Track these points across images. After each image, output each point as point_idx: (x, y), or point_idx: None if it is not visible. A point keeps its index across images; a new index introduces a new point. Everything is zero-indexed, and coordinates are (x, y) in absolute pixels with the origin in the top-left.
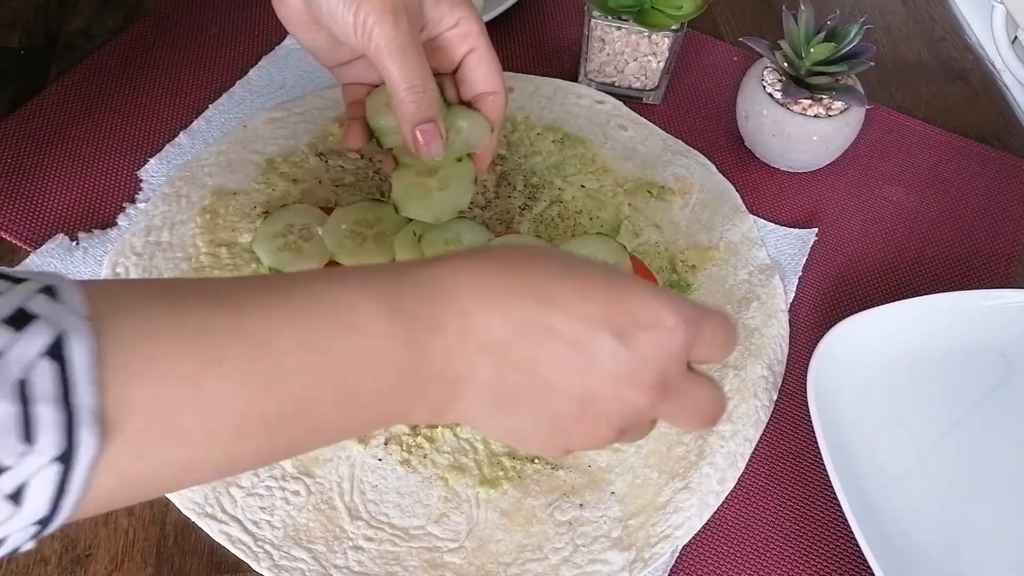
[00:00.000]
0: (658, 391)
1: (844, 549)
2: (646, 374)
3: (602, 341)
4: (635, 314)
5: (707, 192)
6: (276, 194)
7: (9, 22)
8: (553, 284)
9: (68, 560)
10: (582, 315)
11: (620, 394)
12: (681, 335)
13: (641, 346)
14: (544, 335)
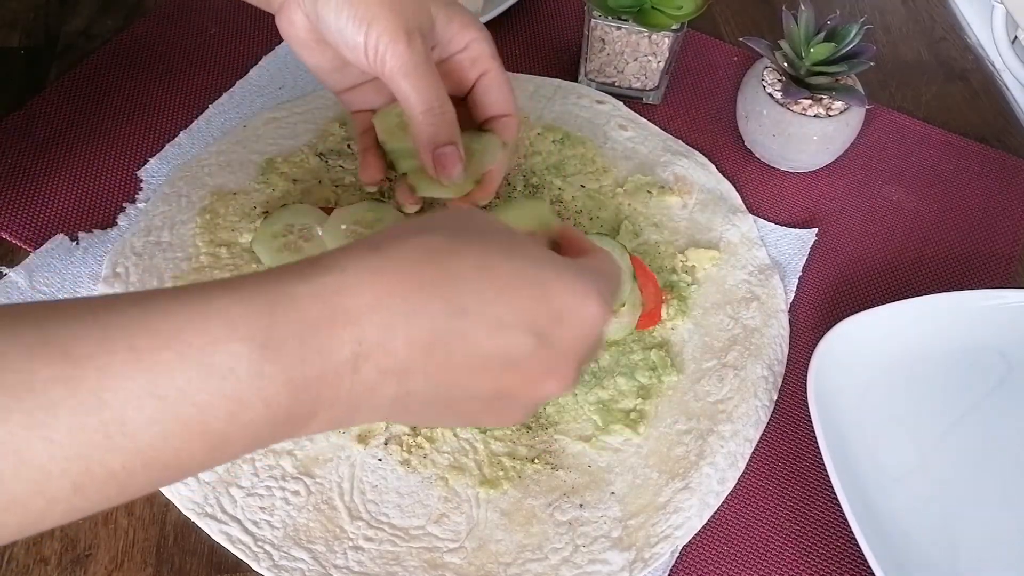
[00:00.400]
0: (576, 376)
1: (844, 549)
2: (566, 367)
3: (521, 344)
4: (556, 308)
5: (707, 192)
6: (276, 194)
7: (9, 22)
8: (465, 287)
9: (68, 560)
10: (500, 321)
11: (537, 389)
12: (603, 321)
13: (562, 340)
14: (457, 347)
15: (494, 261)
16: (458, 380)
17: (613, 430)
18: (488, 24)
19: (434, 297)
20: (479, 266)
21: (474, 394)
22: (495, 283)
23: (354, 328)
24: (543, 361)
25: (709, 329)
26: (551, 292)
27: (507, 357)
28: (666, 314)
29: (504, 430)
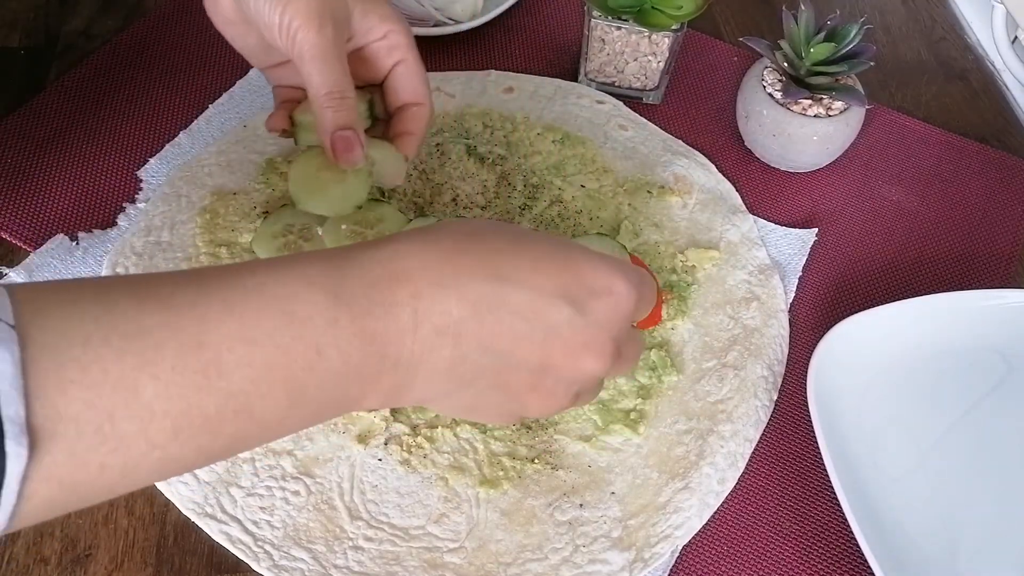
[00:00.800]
0: (613, 354)
1: (844, 549)
2: (604, 341)
3: (559, 311)
4: (589, 282)
5: (707, 192)
6: (276, 194)
7: (9, 22)
8: (504, 259)
9: (68, 560)
10: (537, 287)
11: (578, 363)
12: (634, 299)
13: (597, 313)
14: (501, 311)
15: (527, 241)
16: (505, 346)
17: (613, 430)
18: (488, 24)
19: (477, 265)
20: (514, 243)
21: (520, 363)
22: (530, 257)
23: (410, 285)
24: (581, 331)
25: (709, 329)
26: (581, 268)
27: (548, 324)
28: (666, 314)
29: (504, 430)
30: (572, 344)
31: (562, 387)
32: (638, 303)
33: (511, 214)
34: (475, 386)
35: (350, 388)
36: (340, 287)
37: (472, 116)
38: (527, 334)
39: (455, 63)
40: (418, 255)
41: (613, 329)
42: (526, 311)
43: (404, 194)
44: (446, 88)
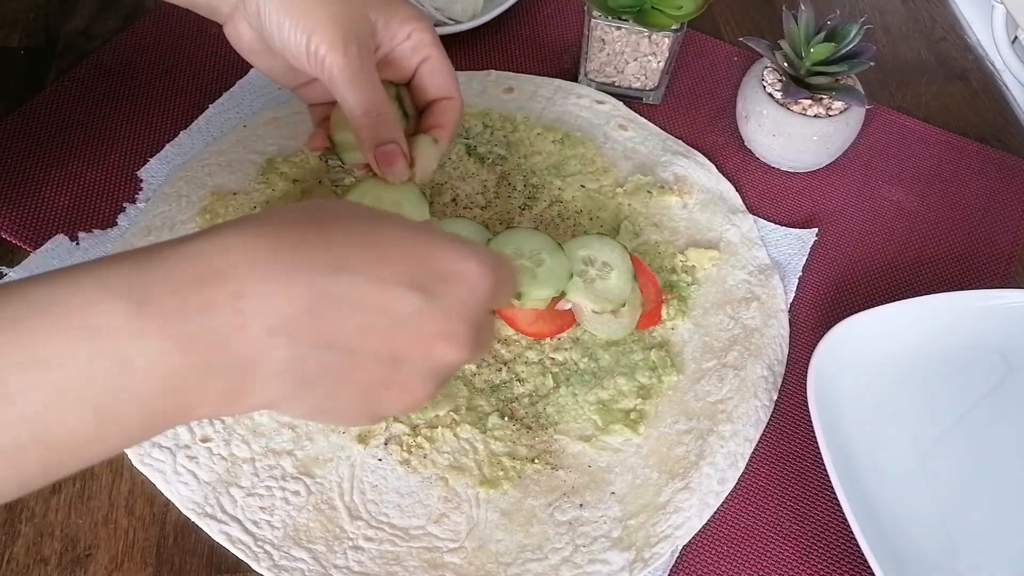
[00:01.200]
0: (471, 340)
1: (844, 549)
2: (458, 329)
3: (406, 301)
4: (439, 268)
5: (707, 192)
6: (276, 194)
7: (9, 22)
8: (344, 249)
9: (68, 560)
10: (381, 277)
11: (432, 352)
12: (488, 283)
13: (449, 300)
14: (342, 304)
15: (373, 227)
16: (349, 341)
17: (613, 430)
18: (488, 24)
19: (314, 255)
20: (360, 231)
21: (368, 356)
22: (375, 245)
23: (230, 284)
24: (432, 320)
25: (709, 329)
26: (431, 253)
27: (394, 315)
28: (666, 314)
29: (504, 430)
30: (423, 334)
31: (418, 379)
32: (495, 287)
33: (511, 214)
34: (321, 385)
35: (173, 399)
36: (146, 292)
37: (472, 116)
38: (373, 327)
39: (455, 63)
40: (242, 248)
41: (467, 315)
42: (370, 303)
43: None
44: None
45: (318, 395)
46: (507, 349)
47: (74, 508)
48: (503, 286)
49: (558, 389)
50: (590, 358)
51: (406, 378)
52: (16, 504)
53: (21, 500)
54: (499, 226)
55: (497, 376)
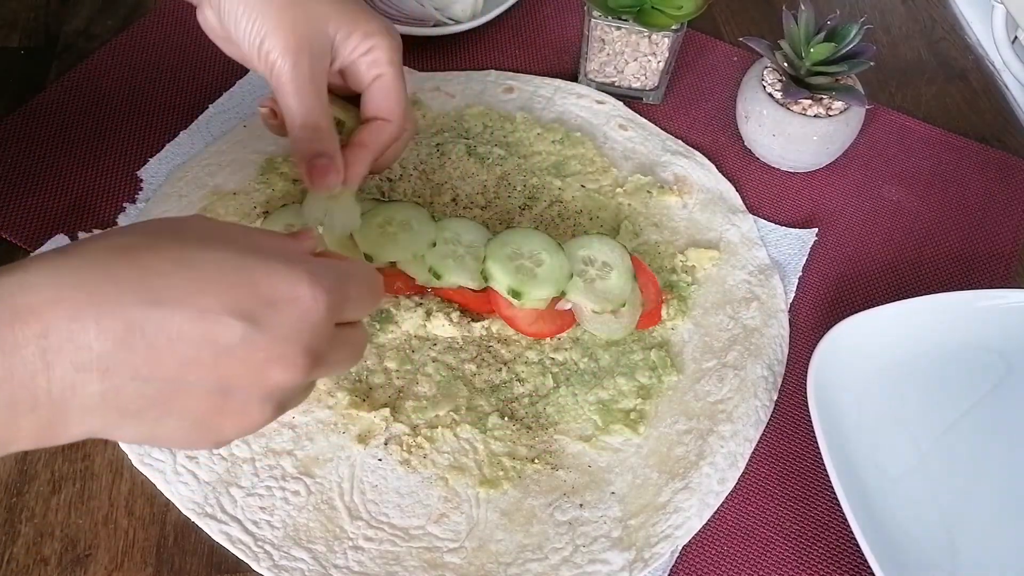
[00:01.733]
0: (308, 362)
1: (844, 549)
2: (291, 353)
3: (230, 331)
4: (266, 294)
5: (707, 192)
6: (276, 194)
7: (9, 22)
8: (162, 281)
9: (68, 560)
10: (202, 307)
11: (264, 378)
12: (323, 305)
13: (278, 326)
14: (159, 337)
15: (193, 254)
16: (170, 373)
17: (613, 430)
18: (488, 24)
19: (125, 290)
20: (176, 259)
21: (194, 387)
22: (194, 274)
23: (36, 323)
24: (261, 347)
25: (709, 329)
26: (258, 279)
27: (217, 345)
28: (666, 314)
29: (504, 430)
30: (252, 362)
31: (253, 405)
32: (335, 306)
33: (511, 214)
34: (147, 415)
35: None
36: None
37: (472, 116)
38: (196, 358)
39: (455, 63)
40: (49, 286)
41: (302, 339)
42: (191, 334)
43: (404, 195)
44: (446, 88)
45: (146, 424)
46: (507, 349)
47: (74, 508)
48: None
49: (558, 389)
50: (590, 358)
51: (240, 405)
52: (16, 504)
53: (21, 500)
54: (499, 226)
55: (497, 376)
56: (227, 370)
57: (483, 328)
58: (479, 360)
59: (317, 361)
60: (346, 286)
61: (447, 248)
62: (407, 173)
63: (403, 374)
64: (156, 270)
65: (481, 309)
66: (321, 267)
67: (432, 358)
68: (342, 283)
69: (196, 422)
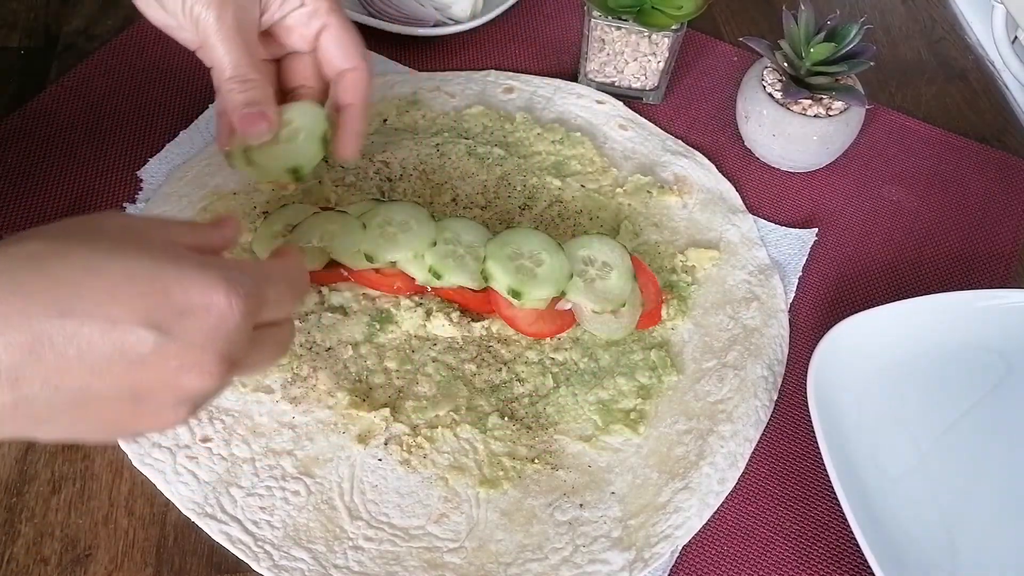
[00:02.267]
0: (224, 370)
1: (844, 549)
2: (205, 360)
3: (141, 340)
4: (178, 302)
5: (707, 192)
6: (276, 194)
7: (9, 22)
8: (71, 291)
9: (68, 560)
10: (111, 317)
11: (178, 385)
12: (239, 312)
13: (191, 334)
14: (67, 349)
15: (102, 261)
16: (81, 383)
17: (613, 430)
18: (488, 24)
19: (32, 301)
20: (86, 267)
21: (107, 395)
22: (104, 283)
23: None
24: (173, 356)
25: (709, 329)
26: (170, 287)
27: (128, 355)
28: (666, 314)
29: (504, 430)
30: (165, 370)
31: (167, 409)
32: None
33: (511, 214)
34: (59, 421)
35: None
36: None
37: (472, 116)
38: (106, 368)
39: (455, 63)
40: None
41: (216, 346)
42: (100, 345)
43: (404, 195)
44: (446, 88)
45: (60, 427)
46: (507, 349)
47: (74, 508)
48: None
49: (558, 389)
50: (590, 358)
51: (153, 409)
52: (16, 504)
53: (21, 500)
54: (499, 226)
55: (497, 376)
56: (139, 379)
57: (483, 328)
58: (479, 360)
59: (232, 366)
60: (264, 289)
61: (447, 248)
62: (407, 173)
63: (403, 374)
64: (64, 279)
65: (481, 309)
66: (236, 271)
67: (432, 358)
68: (259, 287)
69: (113, 425)
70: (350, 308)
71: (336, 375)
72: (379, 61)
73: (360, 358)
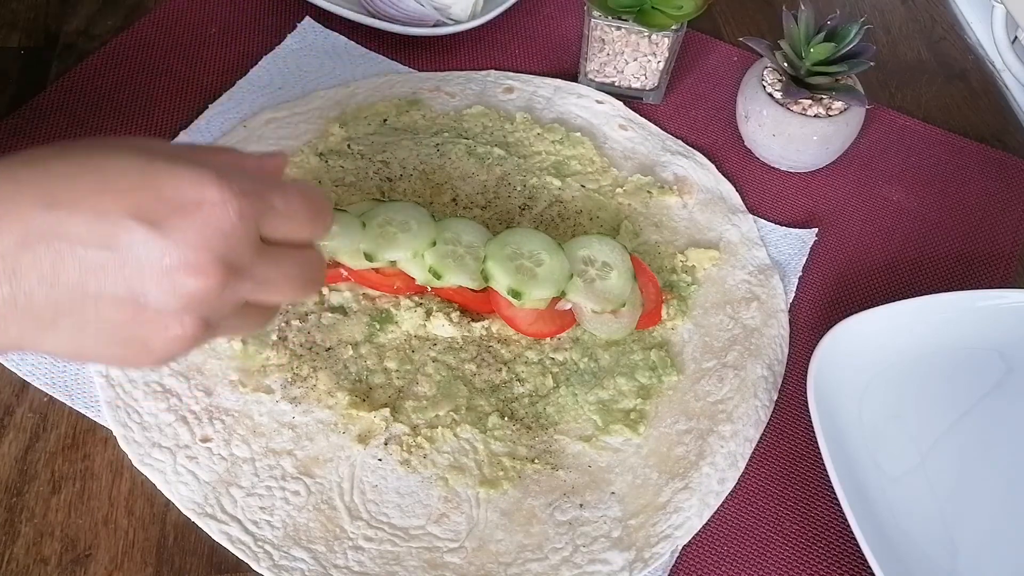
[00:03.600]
0: (223, 273)
1: (844, 549)
2: (201, 259)
3: (131, 234)
4: (169, 197)
5: (707, 192)
6: None
7: (9, 22)
8: (63, 183)
9: (68, 560)
10: (101, 211)
11: (176, 287)
12: (234, 210)
13: (184, 231)
14: (59, 242)
15: (99, 159)
16: (74, 278)
17: (613, 430)
18: (488, 24)
19: (23, 193)
20: (81, 164)
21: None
22: (96, 177)
23: None
24: (168, 253)
25: (709, 329)
26: (161, 181)
27: (118, 250)
28: (666, 314)
29: (504, 430)
30: (159, 268)
31: (171, 316)
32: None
33: (511, 214)
34: (62, 325)
35: None
36: None
37: (472, 116)
38: (98, 263)
39: (455, 63)
40: None
41: (212, 244)
42: (89, 238)
43: (404, 195)
44: (446, 88)
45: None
46: (507, 349)
47: (74, 508)
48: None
49: (558, 389)
50: (590, 358)
51: (155, 315)
52: (16, 504)
53: (21, 500)
54: (499, 226)
55: (497, 376)
56: (134, 277)
57: (483, 328)
58: (479, 360)
59: (235, 272)
60: (268, 194)
61: (447, 248)
62: (407, 173)
63: (403, 374)
64: (58, 173)
65: (481, 309)
66: (235, 170)
67: (432, 358)
68: (261, 190)
69: (116, 334)
70: (350, 308)
71: (336, 375)
72: (379, 61)
73: (360, 358)
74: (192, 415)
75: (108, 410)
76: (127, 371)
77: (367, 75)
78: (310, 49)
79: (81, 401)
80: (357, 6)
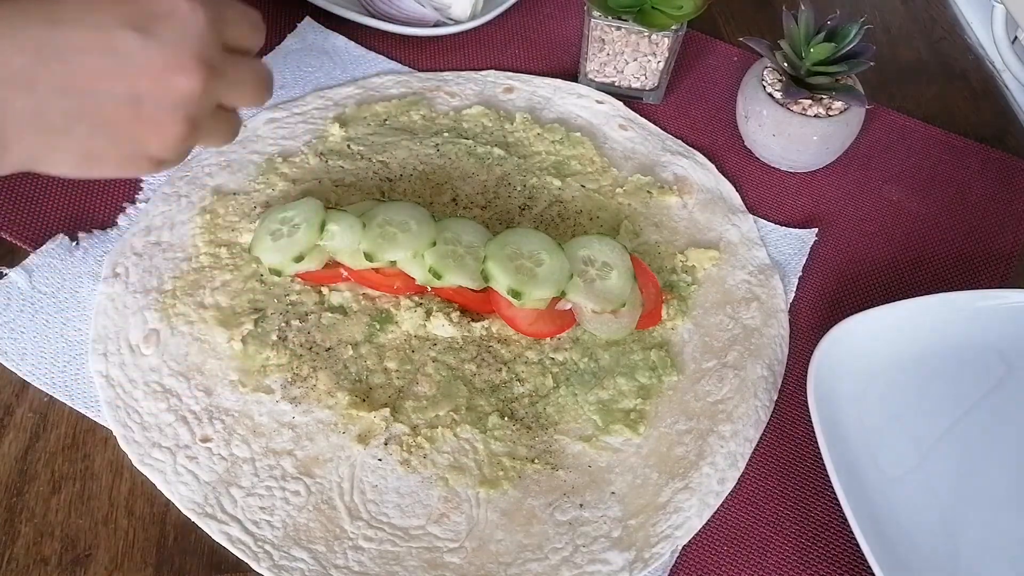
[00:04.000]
0: (204, 70)
1: (844, 549)
2: (185, 60)
3: (126, 40)
4: (149, 8)
5: (707, 192)
6: (276, 194)
7: None
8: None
9: (68, 560)
10: (96, 24)
11: (167, 84)
12: (202, 15)
13: (168, 35)
14: (67, 53)
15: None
16: (85, 84)
17: (613, 430)
18: (488, 24)
19: (29, 14)
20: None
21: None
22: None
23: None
24: (157, 55)
25: (709, 329)
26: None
27: (118, 55)
28: (666, 314)
29: (504, 430)
30: (152, 68)
31: (166, 113)
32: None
33: (511, 214)
34: (75, 132)
35: None
36: None
37: (472, 116)
38: (103, 69)
39: (455, 63)
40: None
41: (191, 45)
42: (92, 47)
43: (404, 195)
44: (446, 88)
45: (75, 142)
46: (507, 349)
47: (74, 508)
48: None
49: (558, 389)
50: (590, 358)
51: (152, 113)
52: (16, 504)
53: (21, 500)
54: (499, 226)
55: (497, 376)
56: (132, 77)
57: (483, 328)
58: (479, 360)
59: (212, 71)
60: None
61: (447, 248)
62: (407, 173)
63: (403, 374)
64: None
65: (481, 309)
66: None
67: (432, 358)
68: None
69: (119, 134)
70: (350, 308)
71: (336, 375)
72: (379, 61)
73: (360, 358)
74: (192, 415)
75: (108, 410)
76: (127, 371)
77: (367, 75)
78: (310, 49)
79: (81, 401)
80: (357, 6)
